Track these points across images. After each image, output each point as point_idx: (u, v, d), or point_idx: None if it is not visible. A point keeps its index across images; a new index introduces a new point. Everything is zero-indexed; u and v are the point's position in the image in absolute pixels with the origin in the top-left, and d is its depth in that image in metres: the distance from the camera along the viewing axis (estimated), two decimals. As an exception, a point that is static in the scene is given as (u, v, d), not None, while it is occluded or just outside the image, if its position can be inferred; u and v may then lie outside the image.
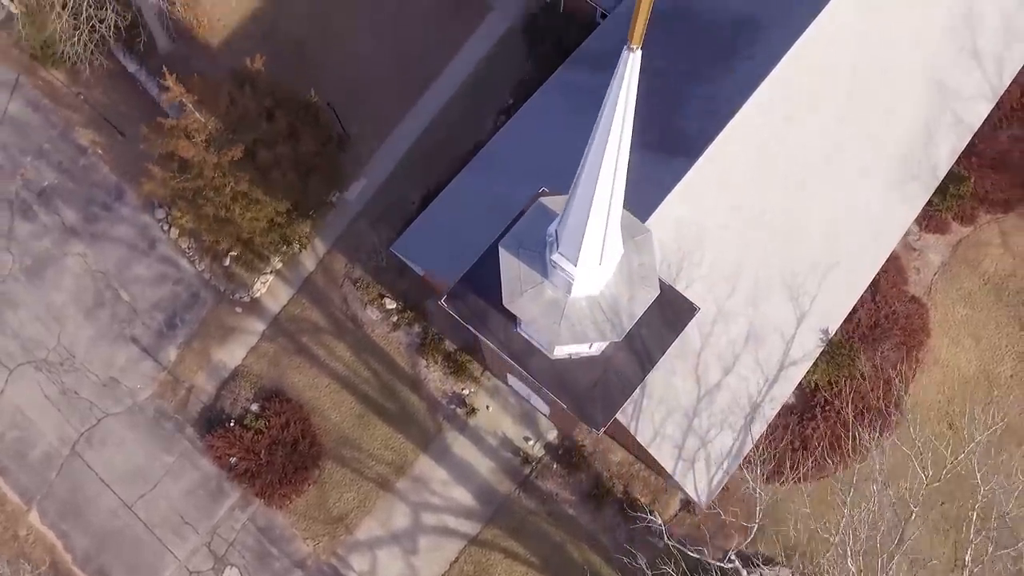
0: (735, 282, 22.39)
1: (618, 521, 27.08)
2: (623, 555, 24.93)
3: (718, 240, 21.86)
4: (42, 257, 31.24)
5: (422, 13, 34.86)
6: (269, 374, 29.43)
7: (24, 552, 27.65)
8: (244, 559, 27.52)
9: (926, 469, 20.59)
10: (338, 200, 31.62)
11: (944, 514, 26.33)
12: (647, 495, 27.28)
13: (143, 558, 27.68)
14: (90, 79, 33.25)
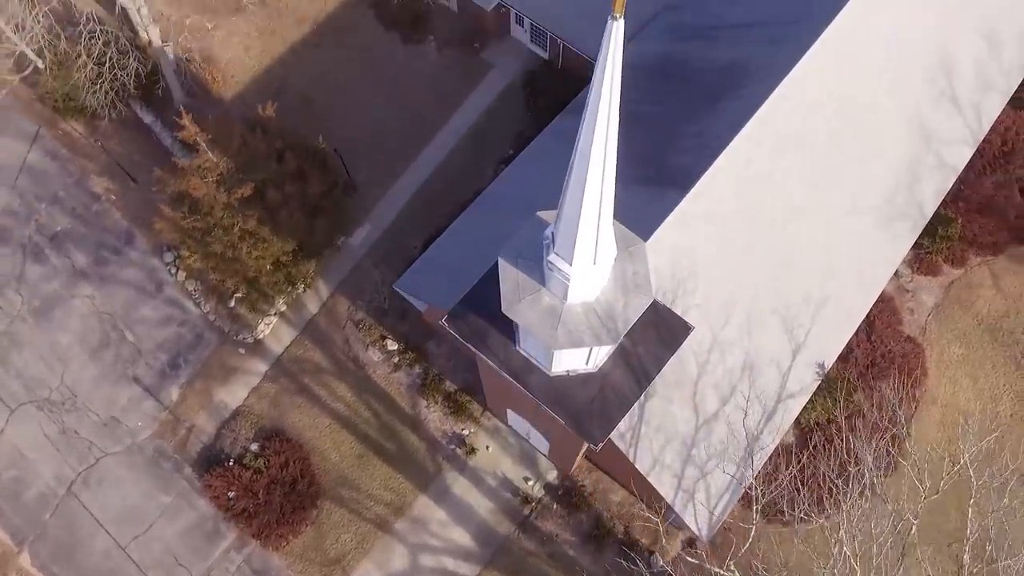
0: (729, 312, 22.81)
1: (619, 562, 26.57)
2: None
3: (711, 270, 22.40)
4: (51, 298, 31.82)
5: (426, 71, 36.62)
6: (270, 414, 29.51)
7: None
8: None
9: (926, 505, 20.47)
10: (343, 245, 32.42)
11: (951, 554, 25.89)
12: (648, 536, 26.90)
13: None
14: (107, 129, 34.75)
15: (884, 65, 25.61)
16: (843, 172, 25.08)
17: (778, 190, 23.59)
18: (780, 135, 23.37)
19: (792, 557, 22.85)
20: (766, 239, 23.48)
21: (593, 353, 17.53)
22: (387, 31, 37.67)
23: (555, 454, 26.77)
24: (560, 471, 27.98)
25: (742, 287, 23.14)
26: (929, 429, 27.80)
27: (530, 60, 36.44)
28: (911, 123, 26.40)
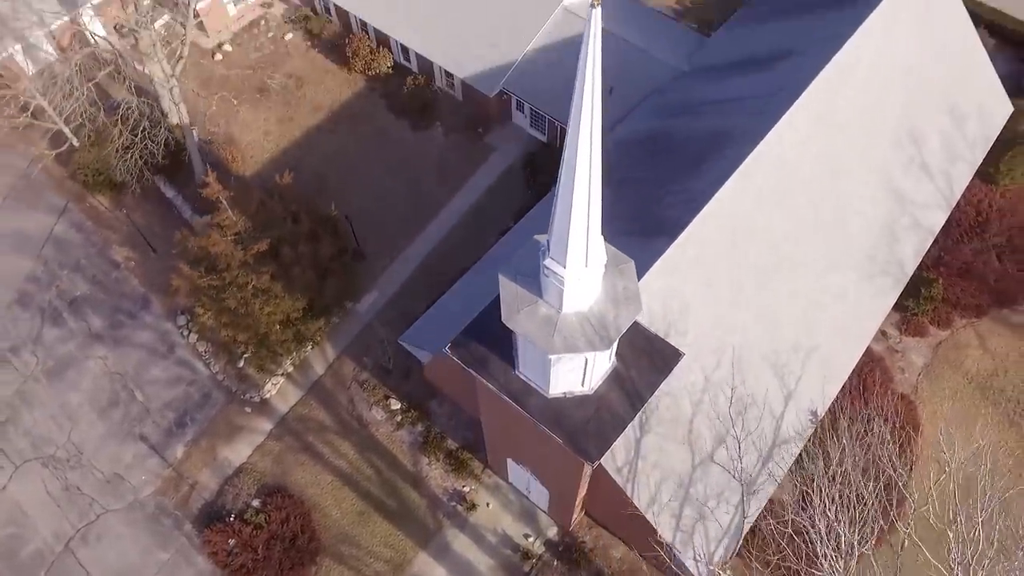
0: (720, 355, 23.70)
1: (621, 620, 26.09)
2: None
3: (701, 314, 23.51)
4: (65, 360, 32.78)
5: (433, 154, 39.19)
6: (273, 471, 29.76)
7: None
8: (231, 664, 26.23)
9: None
10: (350, 310, 33.67)
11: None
12: (651, 592, 26.51)
13: (125, 662, 26.42)
14: (131, 203, 36.90)
15: (855, 133, 27.74)
16: (823, 228, 26.65)
17: (761, 242, 25.05)
18: (760, 191, 25.11)
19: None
20: (752, 288, 24.70)
21: (588, 373, 18.43)
22: (397, 118, 40.63)
23: (555, 506, 26.84)
24: (560, 527, 27.91)
25: (731, 332, 24.15)
26: (924, 483, 27.87)
27: (530, 143, 39.06)
28: (885, 186, 28.25)
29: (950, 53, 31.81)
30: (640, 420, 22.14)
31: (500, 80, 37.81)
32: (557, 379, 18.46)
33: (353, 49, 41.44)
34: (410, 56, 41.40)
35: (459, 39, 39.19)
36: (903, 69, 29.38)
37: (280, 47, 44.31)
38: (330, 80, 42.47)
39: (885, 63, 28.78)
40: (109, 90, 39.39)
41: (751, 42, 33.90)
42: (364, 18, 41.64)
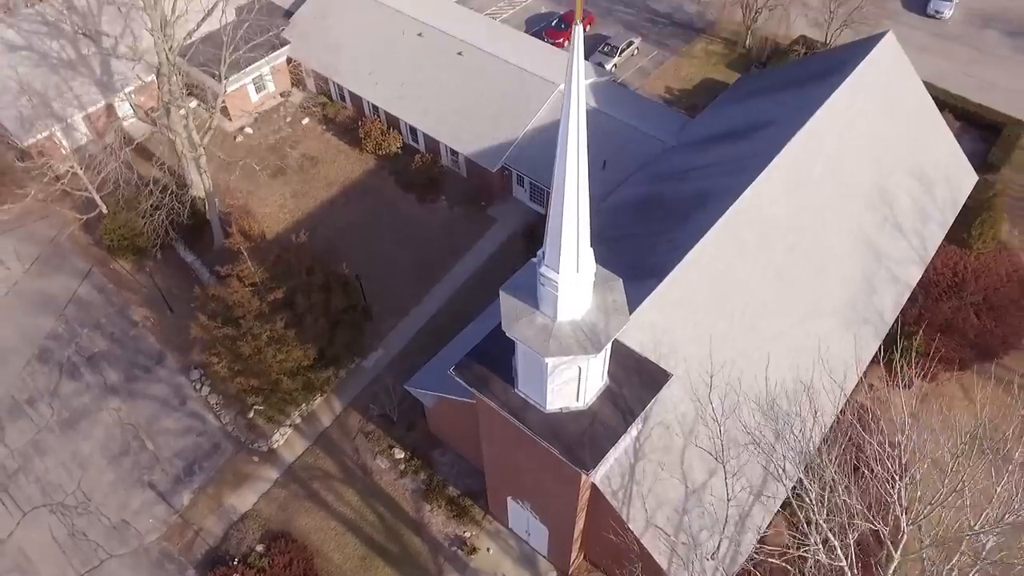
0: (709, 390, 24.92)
1: (621, 664, 25.96)
2: None
3: (690, 349, 24.91)
4: (79, 411, 33.88)
5: (438, 225, 41.62)
6: (278, 517, 30.27)
7: None
8: None
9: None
10: (357, 366, 35.02)
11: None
12: (650, 635, 26.48)
13: None
14: (152, 267, 38.95)
15: (830, 192, 30.08)
16: (803, 278, 28.46)
17: (743, 287, 26.81)
18: (741, 241, 27.12)
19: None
20: (737, 329, 26.24)
21: (582, 387, 19.77)
22: (405, 193, 43.37)
23: (554, 546, 27.25)
24: (560, 570, 28.16)
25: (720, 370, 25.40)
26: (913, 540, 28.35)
27: (529, 215, 41.53)
28: (861, 242, 30.28)
29: (914, 126, 34.67)
30: (634, 446, 23.18)
31: (502, 157, 40.75)
32: (554, 394, 19.77)
33: (366, 131, 44.74)
34: (418, 137, 44.63)
35: (464, 120, 42.46)
36: (870, 138, 32.08)
37: (297, 130, 47.74)
38: (343, 159, 45.56)
39: (853, 132, 31.50)
40: (137, 163, 42.32)
41: (731, 118, 36.97)
42: (376, 103, 45.18)
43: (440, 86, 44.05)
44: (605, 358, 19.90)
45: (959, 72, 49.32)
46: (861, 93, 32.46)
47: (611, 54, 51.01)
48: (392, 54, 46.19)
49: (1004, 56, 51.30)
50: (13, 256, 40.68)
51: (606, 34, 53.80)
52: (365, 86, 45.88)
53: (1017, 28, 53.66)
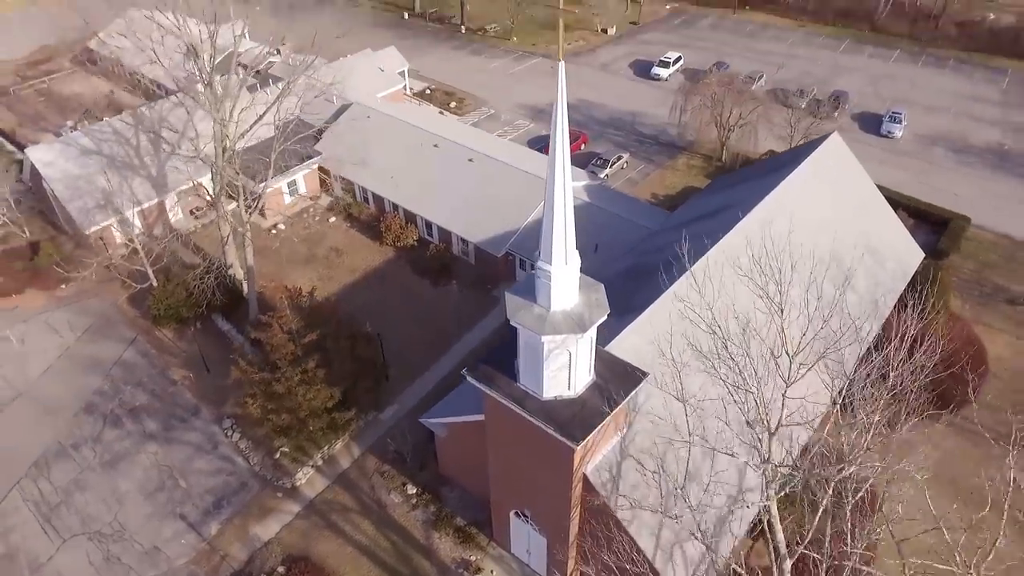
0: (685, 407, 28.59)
1: (616, 670, 27.79)
2: None
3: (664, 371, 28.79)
4: (119, 454, 37.13)
5: (448, 304, 46.41)
6: (298, 544, 32.80)
7: None
8: None
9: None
10: (374, 419, 38.58)
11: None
12: (642, 645, 28.42)
13: None
14: (191, 335, 43.41)
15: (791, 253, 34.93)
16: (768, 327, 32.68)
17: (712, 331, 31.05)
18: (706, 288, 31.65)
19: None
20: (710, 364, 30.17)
21: (572, 376, 23.76)
22: (420, 278, 48.55)
23: (552, 558, 29.71)
24: (558, 589, 30.40)
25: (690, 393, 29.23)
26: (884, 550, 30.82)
27: (532, 293, 46.34)
28: (821, 301, 34.72)
29: (863, 210, 40.19)
30: (621, 446, 26.62)
31: (506, 243, 46.26)
32: (549, 381, 23.71)
33: (386, 225, 50.68)
34: (432, 230, 50.48)
35: (474, 214, 48.42)
36: (822, 217, 37.41)
37: (325, 227, 53.77)
38: (365, 251, 51.18)
39: (806, 209, 36.88)
40: (181, 251, 47.91)
41: (703, 205, 42.75)
42: (397, 201, 51.46)
43: (453, 187, 50.46)
44: (590, 350, 24.00)
45: (912, 180, 55.99)
46: (811, 179, 38.24)
47: (603, 166, 58.02)
48: (411, 161, 53.07)
49: (949, 168, 58.27)
50: (67, 327, 45.29)
51: (599, 151, 61.20)
52: (387, 188, 52.38)
53: (958, 147, 61.18)
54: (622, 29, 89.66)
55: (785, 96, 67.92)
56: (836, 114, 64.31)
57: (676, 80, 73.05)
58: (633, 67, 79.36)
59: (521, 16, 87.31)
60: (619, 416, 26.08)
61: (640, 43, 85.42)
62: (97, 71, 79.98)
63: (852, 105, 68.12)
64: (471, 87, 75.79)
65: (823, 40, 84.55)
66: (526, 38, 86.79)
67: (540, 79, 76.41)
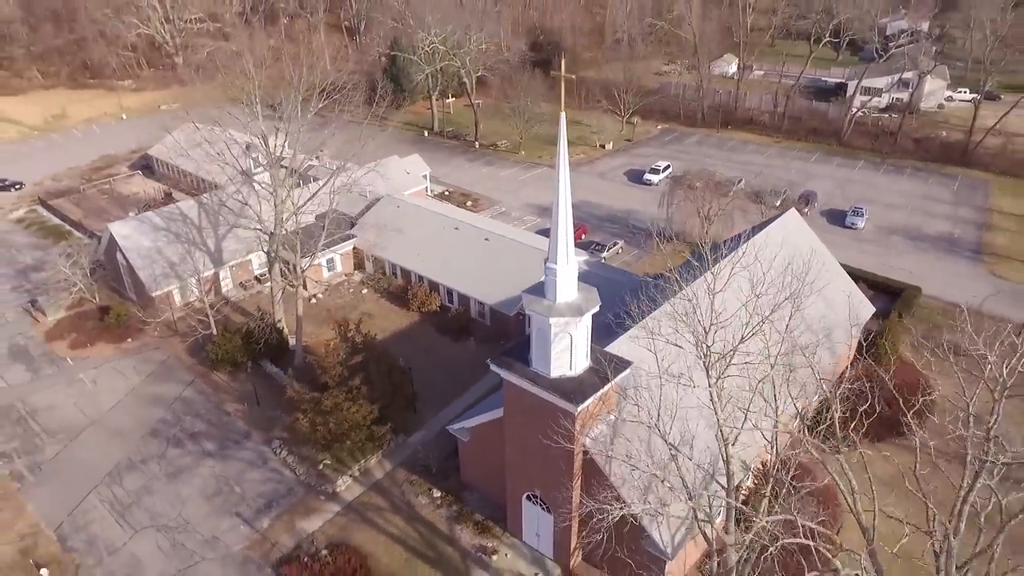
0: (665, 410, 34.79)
1: (613, 628, 32.50)
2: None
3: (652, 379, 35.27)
4: (182, 467, 42.85)
5: (467, 357, 53.09)
6: (339, 535, 37.98)
7: (109, 652, 32.39)
8: (294, 660, 32.02)
9: None
10: (404, 442, 44.47)
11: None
12: (636, 609, 33.20)
13: (207, 660, 32.21)
14: (243, 377, 50.00)
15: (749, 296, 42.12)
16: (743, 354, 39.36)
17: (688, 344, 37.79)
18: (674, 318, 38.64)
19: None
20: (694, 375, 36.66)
21: (572, 359, 30.47)
22: (442, 336, 55.53)
23: (558, 536, 34.89)
24: (562, 567, 35.37)
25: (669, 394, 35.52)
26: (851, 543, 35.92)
27: (539, 347, 53.11)
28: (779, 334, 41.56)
29: (818, 271, 47.58)
30: (612, 428, 32.74)
31: (517, 304, 53.57)
32: (554, 362, 30.39)
33: (413, 293, 58.31)
34: (453, 297, 58.00)
35: (489, 282, 56.09)
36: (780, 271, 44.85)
37: (358, 297, 61.36)
38: (393, 316, 58.46)
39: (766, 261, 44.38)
40: (232, 312, 55.31)
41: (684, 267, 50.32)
42: (422, 273, 59.35)
43: (471, 260, 58.47)
44: (586, 338, 30.80)
45: (872, 261, 63.97)
46: (770, 243, 46.00)
47: (600, 250, 66.31)
48: (435, 241, 61.44)
49: (905, 252, 66.45)
50: (133, 371, 51.97)
51: (597, 240, 69.73)
52: (414, 262, 60.44)
53: (913, 236, 69.76)
54: (618, 145, 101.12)
55: (760, 196, 77.28)
56: (806, 210, 73.29)
57: (666, 185, 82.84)
58: (627, 175, 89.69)
59: (528, 134, 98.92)
60: (610, 398, 32.45)
61: (634, 156, 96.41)
62: (153, 176, 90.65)
63: (820, 204, 77.36)
64: (484, 191, 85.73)
65: (796, 153, 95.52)
66: (533, 152, 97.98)
67: (546, 184, 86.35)
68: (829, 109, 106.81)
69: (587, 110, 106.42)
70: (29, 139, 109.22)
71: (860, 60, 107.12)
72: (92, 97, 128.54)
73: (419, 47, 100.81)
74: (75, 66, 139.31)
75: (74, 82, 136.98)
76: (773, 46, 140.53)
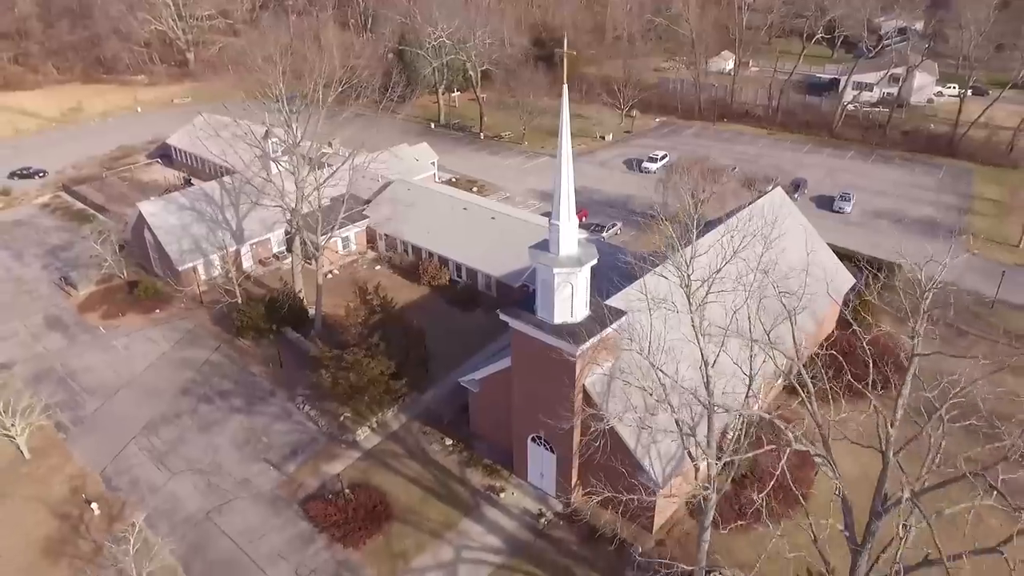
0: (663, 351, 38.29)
1: (609, 552, 36.08)
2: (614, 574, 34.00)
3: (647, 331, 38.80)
4: (213, 421, 46.48)
5: (474, 325, 56.68)
6: (359, 477, 41.56)
7: (154, 571, 35.84)
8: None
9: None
10: (417, 398, 48.06)
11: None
12: (629, 535, 36.80)
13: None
14: (266, 343, 53.61)
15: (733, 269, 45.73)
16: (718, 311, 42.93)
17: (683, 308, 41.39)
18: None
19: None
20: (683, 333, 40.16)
21: (574, 306, 34.05)
22: (450, 307, 59.16)
23: (560, 476, 38.45)
24: (564, 502, 38.95)
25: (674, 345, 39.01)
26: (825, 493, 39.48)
27: (542, 317, 56.72)
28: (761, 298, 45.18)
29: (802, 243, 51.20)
30: (610, 371, 36.29)
31: (522, 277, 57.18)
32: (558, 309, 33.97)
33: (424, 268, 61.95)
34: (462, 271, 61.63)
35: (495, 256, 59.70)
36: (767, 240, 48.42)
37: (371, 272, 64.94)
38: (406, 290, 62.02)
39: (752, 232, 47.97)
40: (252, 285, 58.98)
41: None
42: (432, 249, 63.00)
43: (479, 237, 62.09)
44: (586, 288, 34.38)
45: (860, 241, 67.51)
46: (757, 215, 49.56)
47: (599, 231, 69.90)
48: (444, 220, 65.08)
49: (889, 233, 69.98)
50: (162, 339, 55.60)
51: (597, 222, 73.34)
52: (424, 239, 64.07)
53: (899, 219, 73.31)
54: (618, 136, 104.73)
55: (752, 182, 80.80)
56: (796, 195, 76.87)
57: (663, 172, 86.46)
58: (626, 164, 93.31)
59: (531, 125, 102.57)
60: (608, 345, 35.99)
61: (632, 146, 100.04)
62: (171, 164, 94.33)
63: (810, 190, 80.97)
64: (490, 178, 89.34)
65: (789, 144, 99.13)
66: (536, 142, 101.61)
67: (548, 172, 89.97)
68: (822, 103, 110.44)
69: (588, 104, 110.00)
70: (47, 131, 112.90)
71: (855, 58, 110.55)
72: (106, 91, 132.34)
73: (426, 42, 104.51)
74: (89, 62, 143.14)
75: (88, 77, 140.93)
76: (769, 43, 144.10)
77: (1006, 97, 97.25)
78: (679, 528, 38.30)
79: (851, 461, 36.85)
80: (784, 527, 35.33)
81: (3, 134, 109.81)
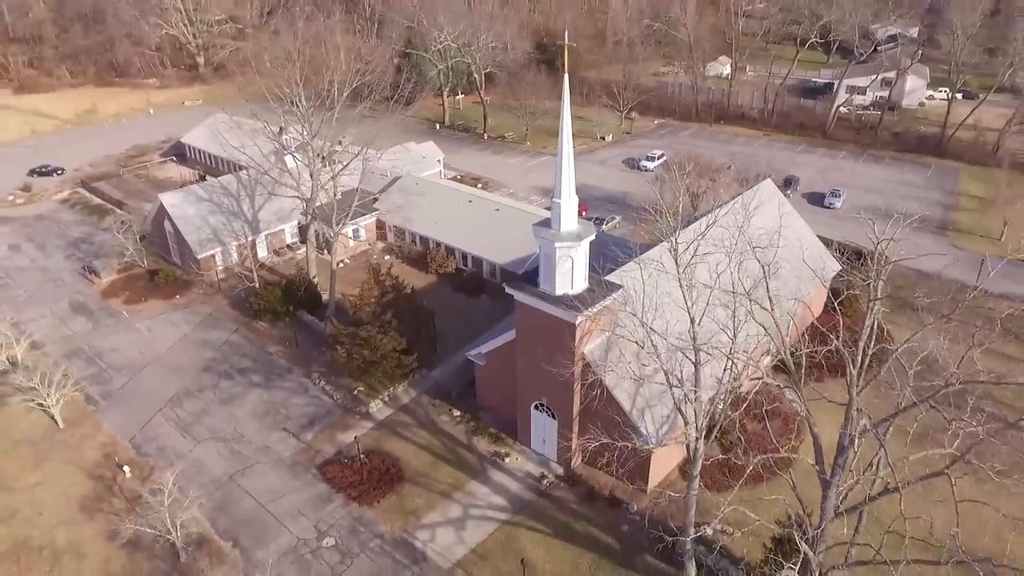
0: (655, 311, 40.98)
1: (606, 510, 38.85)
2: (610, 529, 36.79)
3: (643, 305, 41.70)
4: (233, 395, 49.35)
5: (479, 309, 59.58)
6: (373, 444, 44.36)
7: (187, 520, 38.55)
8: (339, 533, 38.37)
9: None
10: (427, 375, 50.91)
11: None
12: (626, 496, 39.56)
13: (265, 531, 38.55)
14: (282, 325, 56.52)
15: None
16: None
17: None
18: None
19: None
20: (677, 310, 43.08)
21: (573, 279, 36.95)
22: (457, 293, 62.08)
23: (561, 436, 41.22)
24: (564, 467, 41.71)
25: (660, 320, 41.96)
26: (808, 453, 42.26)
27: (544, 303, 59.59)
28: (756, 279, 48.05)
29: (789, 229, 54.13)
30: (607, 341, 39.14)
31: (525, 264, 60.09)
32: (559, 280, 36.87)
33: (432, 256, 64.91)
34: (468, 260, 64.57)
35: (500, 245, 62.66)
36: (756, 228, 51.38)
37: (381, 262, 67.65)
38: (414, 277, 64.84)
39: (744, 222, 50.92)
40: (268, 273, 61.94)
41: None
42: (440, 239, 65.96)
43: (484, 228, 65.07)
44: (585, 262, 37.27)
45: (848, 234, 70.41)
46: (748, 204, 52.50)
47: (600, 223, 72.86)
48: (450, 212, 68.07)
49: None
50: (183, 322, 58.53)
51: (597, 215, 76.31)
52: (432, 230, 67.06)
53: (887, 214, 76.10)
54: (617, 137, 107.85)
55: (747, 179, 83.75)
56: (788, 192, 79.82)
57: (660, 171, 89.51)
58: (625, 162, 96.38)
59: (533, 126, 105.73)
60: (606, 316, 38.84)
61: (631, 147, 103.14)
62: (185, 163, 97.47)
63: (802, 187, 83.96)
64: (493, 176, 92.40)
65: (783, 144, 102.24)
66: (538, 142, 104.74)
67: (549, 170, 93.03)
68: (816, 106, 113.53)
69: (588, 106, 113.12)
70: (63, 131, 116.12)
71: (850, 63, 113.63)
72: (119, 94, 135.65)
73: (432, 45, 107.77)
74: (102, 65, 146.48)
75: (101, 80, 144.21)
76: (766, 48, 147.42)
77: (994, 100, 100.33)
78: (673, 488, 40.99)
79: (832, 429, 39.47)
80: (769, 487, 38.27)
81: (21, 134, 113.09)
